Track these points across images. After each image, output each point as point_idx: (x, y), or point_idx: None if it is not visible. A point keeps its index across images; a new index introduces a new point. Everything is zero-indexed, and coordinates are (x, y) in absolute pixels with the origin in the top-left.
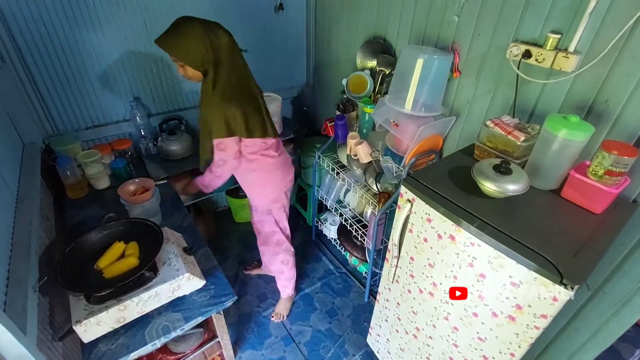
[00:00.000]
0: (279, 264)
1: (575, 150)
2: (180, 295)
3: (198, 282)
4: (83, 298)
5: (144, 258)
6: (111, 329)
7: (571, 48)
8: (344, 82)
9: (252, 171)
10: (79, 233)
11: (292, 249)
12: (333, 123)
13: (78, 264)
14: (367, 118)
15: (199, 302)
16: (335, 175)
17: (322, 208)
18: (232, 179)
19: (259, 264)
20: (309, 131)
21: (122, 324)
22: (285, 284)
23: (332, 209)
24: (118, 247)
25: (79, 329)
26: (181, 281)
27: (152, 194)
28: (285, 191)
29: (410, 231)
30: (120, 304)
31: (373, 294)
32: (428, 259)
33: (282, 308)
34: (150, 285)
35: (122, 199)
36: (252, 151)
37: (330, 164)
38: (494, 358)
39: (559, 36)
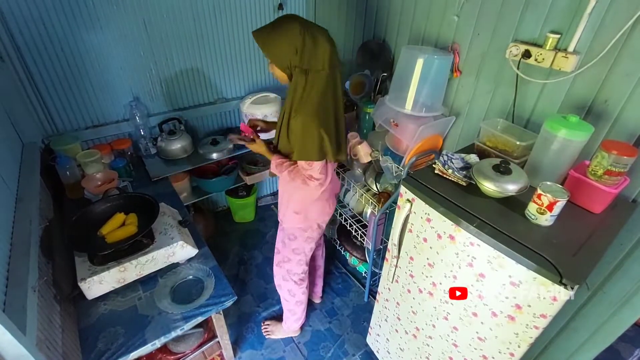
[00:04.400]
0: (286, 292)
1: (574, 150)
2: (174, 262)
3: (191, 251)
4: (87, 260)
5: (142, 226)
6: (112, 289)
7: (571, 48)
8: (347, 85)
9: (298, 189)
10: None
11: (305, 288)
12: None
13: (83, 231)
14: (366, 118)
15: (199, 302)
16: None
17: None
18: (233, 179)
19: (273, 321)
20: None
21: (123, 284)
22: (287, 316)
23: None
24: (119, 217)
25: (83, 286)
26: (175, 248)
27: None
28: (320, 223)
29: (410, 231)
30: (120, 265)
31: (373, 293)
32: (428, 258)
33: (276, 330)
34: (147, 251)
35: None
36: (312, 173)
37: None
38: (493, 357)
39: (558, 36)
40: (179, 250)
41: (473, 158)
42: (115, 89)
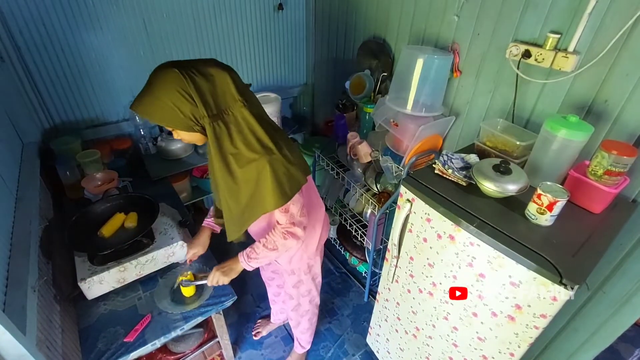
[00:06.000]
0: (306, 322)
1: (574, 150)
2: (174, 262)
3: None
4: (87, 260)
5: (142, 227)
6: (112, 289)
7: (571, 48)
8: (347, 85)
9: (285, 252)
10: None
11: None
12: (333, 123)
13: (83, 231)
14: (366, 118)
15: (199, 302)
16: (335, 175)
17: None
18: None
19: (264, 320)
20: (308, 131)
21: (123, 284)
22: (308, 340)
23: (332, 208)
24: (119, 217)
25: (83, 286)
26: (175, 248)
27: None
28: (324, 236)
29: (410, 231)
30: (120, 265)
31: (373, 293)
32: (427, 258)
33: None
34: (147, 251)
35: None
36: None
37: (330, 164)
38: (493, 358)
39: (558, 36)
40: (179, 250)
41: (473, 158)
42: (115, 88)
